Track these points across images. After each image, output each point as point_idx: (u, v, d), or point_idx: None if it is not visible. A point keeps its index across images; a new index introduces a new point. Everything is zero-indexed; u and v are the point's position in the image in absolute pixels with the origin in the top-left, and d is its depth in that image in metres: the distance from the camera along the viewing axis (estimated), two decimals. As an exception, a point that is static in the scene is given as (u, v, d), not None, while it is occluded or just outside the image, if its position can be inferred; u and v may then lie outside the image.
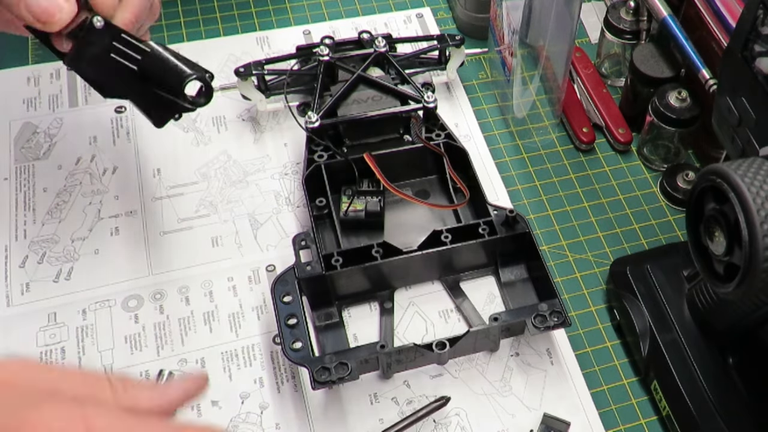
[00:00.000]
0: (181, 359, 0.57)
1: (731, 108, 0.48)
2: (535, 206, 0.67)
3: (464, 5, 0.77)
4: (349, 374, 0.51)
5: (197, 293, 0.60)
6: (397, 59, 0.68)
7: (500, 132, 0.72)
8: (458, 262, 0.60)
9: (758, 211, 0.39)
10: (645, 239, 0.65)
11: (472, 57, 0.76)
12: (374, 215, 0.61)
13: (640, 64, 0.67)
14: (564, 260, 0.64)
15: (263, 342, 0.58)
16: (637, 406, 0.56)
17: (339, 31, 0.78)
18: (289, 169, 0.67)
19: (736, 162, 0.41)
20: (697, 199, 0.45)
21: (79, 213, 0.64)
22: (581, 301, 0.61)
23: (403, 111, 0.64)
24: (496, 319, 0.54)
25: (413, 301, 0.60)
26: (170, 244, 0.62)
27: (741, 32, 0.45)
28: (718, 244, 0.43)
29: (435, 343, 0.53)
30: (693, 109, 0.64)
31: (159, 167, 0.67)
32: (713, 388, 0.52)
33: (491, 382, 0.56)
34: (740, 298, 0.42)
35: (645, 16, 0.70)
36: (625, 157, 0.71)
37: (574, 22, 0.62)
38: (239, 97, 0.69)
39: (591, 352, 0.59)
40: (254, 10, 0.81)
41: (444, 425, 0.54)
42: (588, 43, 0.79)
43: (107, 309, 0.59)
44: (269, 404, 0.55)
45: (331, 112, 0.64)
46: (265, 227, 0.64)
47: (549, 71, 0.67)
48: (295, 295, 0.55)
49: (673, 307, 0.56)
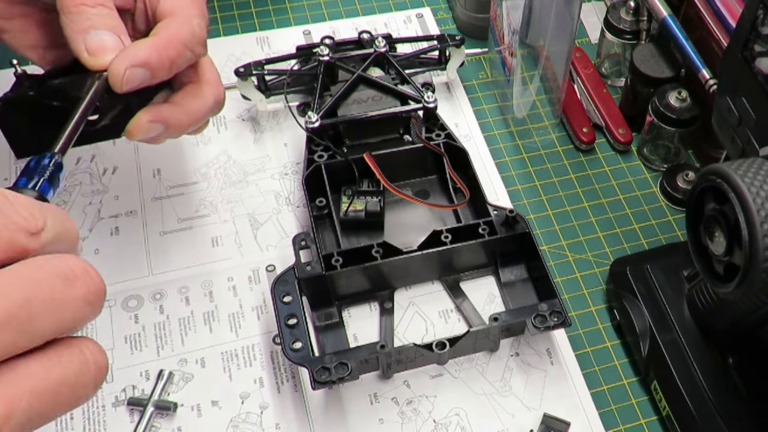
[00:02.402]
0: (181, 359, 0.57)
1: (731, 108, 0.48)
2: (535, 206, 0.67)
3: (464, 5, 0.77)
4: (349, 374, 0.51)
5: (197, 293, 0.60)
6: (397, 59, 0.68)
7: (500, 132, 0.72)
8: (458, 262, 0.60)
9: (758, 211, 0.39)
10: (645, 239, 0.65)
11: (472, 57, 0.76)
12: (374, 215, 0.61)
13: (640, 64, 0.67)
14: (564, 260, 0.64)
15: (263, 342, 0.58)
16: (637, 406, 0.56)
17: (339, 31, 0.78)
18: (289, 169, 0.67)
19: (736, 162, 0.41)
20: (697, 199, 0.45)
21: (79, 213, 0.64)
22: (581, 301, 0.61)
23: (403, 111, 0.64)
24: (496, 319, 0.54)
25: (413, 301, 0.60)
26: (170, 244, 0.62)
27: (741, 32, 0.45)
28: (718, 244, 0.43)
29: (435, 343, 0.53)
30: (693, 109, 0.64)
31: (159, 167, 0.67)
32: (713, 388, 0.52)
33: (491, 382, 0.56)
34: (740, 298, 0.42)
35: (645, 16, 0.70)
36: (625, 157, 0.71)
37: (574, 22, 0.62)
38: (239, 97, 0.69)
39: (591, 352, 0.59)
40: (254, 10, 0.81)
41: (444, 425, 0.54)
42: (588, 43, 0.79)
43: (107, 309, 0.59)
44: (269, 404, 0.55)
45: (331, 112, 0.64)
46: (265, 227, 0.64)
47: (549, 71, 0.67)
48: (295, 295, 0.55)
49: (673, 307, 0.56)
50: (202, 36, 0.49)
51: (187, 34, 0.48)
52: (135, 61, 0.45)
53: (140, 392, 0.55)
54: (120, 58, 0.44)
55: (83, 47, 0.45)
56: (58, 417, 0.34)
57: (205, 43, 0.50)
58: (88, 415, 0.54)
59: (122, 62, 0.44)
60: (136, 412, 0.54)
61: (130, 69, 0.44)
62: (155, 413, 0.54)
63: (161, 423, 0.54)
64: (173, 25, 0.48)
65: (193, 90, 0.51)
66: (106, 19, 0.46)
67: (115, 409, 0.54)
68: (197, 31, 0.49)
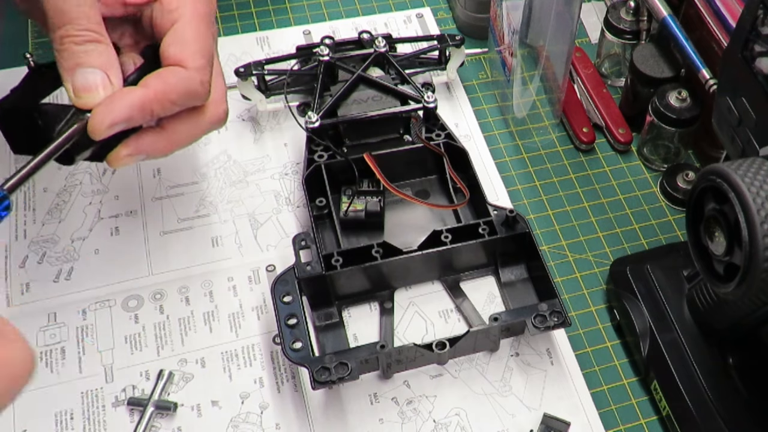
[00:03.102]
0: (181, 359, 0.57)
1: (731, 108, 0.48)
2: (535, 206, 0.67)
3: (464, 5, 0.77)
4: (349, 374, 0.51)
5: (197, 293, 0.60)
6: (397, 59, 0.68)
7: (500, 132, 0.72)
8: (458, 262, 0.60)
9: (758, 211, 0.39)
10: (645, 239, 0.65)
11: (472, 57, 0.76)
12: (374, 215, 0.61)
13: (640, 64, 0.67)
14: (564, 260, 0.64)
15: (263, 342, 0.58)
16: (637, 406, 0.56)
17: (339, 31, 0.78)
18: (289, 169, 0.67)
19: (736, 162, 0.41)
20: (697, 199, 0.45)
21: (79, 213, 0.64)
22: (581, 301, 0.62)
23: (403, 111, 0.64)
24: (496, 319, 0.54)
25: (413, 301, 0.60)
26: (170, 244, 0.62)
27: (741, 32, 0.45)
28: (718, 244, 0.43)
29: (435, 343, 0.53)
30: (693, 109, 0.64)
31: (159, 167, 0.67)
32: (713, 388, 0.52)
33: (491, 382, 0.56)
34: (740, 298, 0.42)
35: (645, 16, 0.70)
36: (625, 157, 0.71)
37: (574, 22, 0.62)
38: (239, 97, 0.69)
39: (591, 352, 0.59)
40: (254, 10, 0.81)
41: (444, 425, 0.54)
42: (588, 43, 0.79)
43: (107, 309, 0.59)
44: (269, 404, 0.55)
45: (331, 112, 0.64)
46: (265, 227, 0.64)
47: (549, 71, 0.67)
48: (295, 295, 0.55)
49: (673, 307, 0.56)
50: (202, 93, 0.48)
51: (182, 92, 0.46)
52: (117, 118, 0.44)
53: (140, 392, 0.55)
54: (101, 114, 0.44)
55: (70, 86, 0.44)
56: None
57: (205, 97, 0.48)
58: (88, 415, 0.54)
59: (104, 118, 0.43)
60: (136, 412, 0.54)
61: (108, 126, 0.44)
62: (155, 413, 0.54)
63: (161, 423, 0.54)
64: (171, 79, 0.46)
65: (188, 114, 0.49)
66: (94, 56, 0.44)
67: (115, 409, 0.54)
68: (198, 90, 0.47)
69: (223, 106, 0.51)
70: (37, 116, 0.44)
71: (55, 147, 0.43)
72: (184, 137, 0.49)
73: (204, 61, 0.48)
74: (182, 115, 0.49)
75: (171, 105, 0.46)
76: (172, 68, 0.47)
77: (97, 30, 0.45)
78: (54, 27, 0.44)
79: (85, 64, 0.44)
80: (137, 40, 0.52)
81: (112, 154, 0.47)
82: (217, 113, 0.51)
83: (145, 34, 0.51)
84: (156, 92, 0.45)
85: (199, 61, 0.47)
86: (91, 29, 0.44)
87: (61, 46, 0.44)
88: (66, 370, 0.56)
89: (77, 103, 0.44)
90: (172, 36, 0.48)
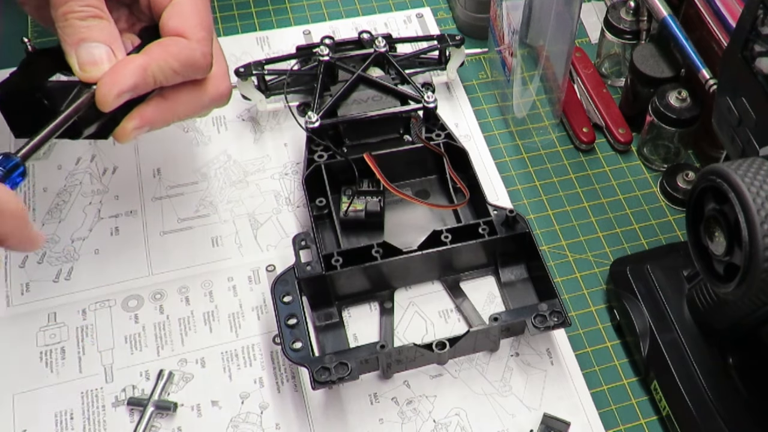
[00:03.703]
0: (181, 359, 0.57)
1: (731, 108, 0.48)
2: (535, 206, 0.67)
3: (464, 5, 0.77)
4: (349, 374, 0.51)
5: (197, 293, 0.60)
6: (397, 59, 0.68)
7: (500, 132, 0.72)
8: (458, 262, 0.60)
9: (758, 211, 0.39)
10: (645, 239, 0.65)
11: (472, 57, 0.76)
12: (374, 215, 0.61)
13: (640, 64, 0.67)
14: (564, 260, 0.64)
15: (263, 342, 0.58)
16: (637, 406, 0.56)
17: (339, 31, 0.78)
18: (289, 169, 0.67)
19: (736, 162, 0.41)
20: (697, 199, 0.45)
21: (79, 213, 0.64)
22: (581, 301, 0.62)
23: (403, 111, 0.64)
24: (496, 319, 0.54)
25: (413, 301, 0.60)
26: (170, 244, 0.62)
27: (741, 32, 0.45)
28: (718, 244, 0.43)
29: (435, 343, 0.53)
30: (693, 109, 0.64)
31: (159, 167, 0.67)
32: (713, 388, 0.52)
33: (491, 382, 0.56)
34: (740, 298, 0.42)
35: (645, 16, 0.70)
36: (625, 157, 0.71)
37: (574, 22, 0.62)
38: (239, 97, 0.69)
39: (591, 352, 0.59)
40: (254, 10, 0.81)
41: (444, 425, 0.54)
42: (588, 43, 0.79)
43: (107, 309, 0.59)
44: (269, 404, 0.55)
45: (331, 112, 0.64)
46: (265, 227, 0.64)
47: (549, 71, 0.67)
48: (295, 295, 0.55)
49: (673, 307, 0.56)
50: (203, 64, 0.48)
51: (184, 61, 0.47)
52: (123, 88, 0.44)
53: (140, 392, 0.55)
54: (108, 84, 0.44)
55: (74, 61, 0.45)
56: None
57: (207, 69, 0.49)
58: (87, 415, 0.54)
59: (111, 89, 0.44)
60: (136, 412, 0.54)
61: (116, 95, 0.44)
62: (155, 413, 0.54)
63: (161, 423, 0.54)
64: (173, 47, 0.47)
65: (191, 86, 0.49)
66: (97, 31, 0.45)
67: (115, 409, 0.54)
68: (200, 60, 0.47)
69: (226, 83, 0.52)
70: (40, 96, 0.45)
71: (65, 117, 0.44)
72: (186, 108, 0.50)
73: (205, 34, 0.48)
74: (185, 86, 0.49)
75: (173, 73, 0.46)
76: (174, 38, 0.47)
77: (98, 6, 0.46)
78: (57, 4, 0.45)
79: (88, 38, 0.45)
80: (132, 23, 0.52)
81: (119, 129, 0.47)
82: (219, 89, 0.51)
83: (141, 17, 0.51)
84: (158, 59, 0.46)
85: (200, 33, 0.48)
86: (93, 5, 0.45)
87: (65, 22, 0.45)
88: (66, 370, 0.56)
89: (82, 77, 0.45)
90: (172, 10, 0.48)
